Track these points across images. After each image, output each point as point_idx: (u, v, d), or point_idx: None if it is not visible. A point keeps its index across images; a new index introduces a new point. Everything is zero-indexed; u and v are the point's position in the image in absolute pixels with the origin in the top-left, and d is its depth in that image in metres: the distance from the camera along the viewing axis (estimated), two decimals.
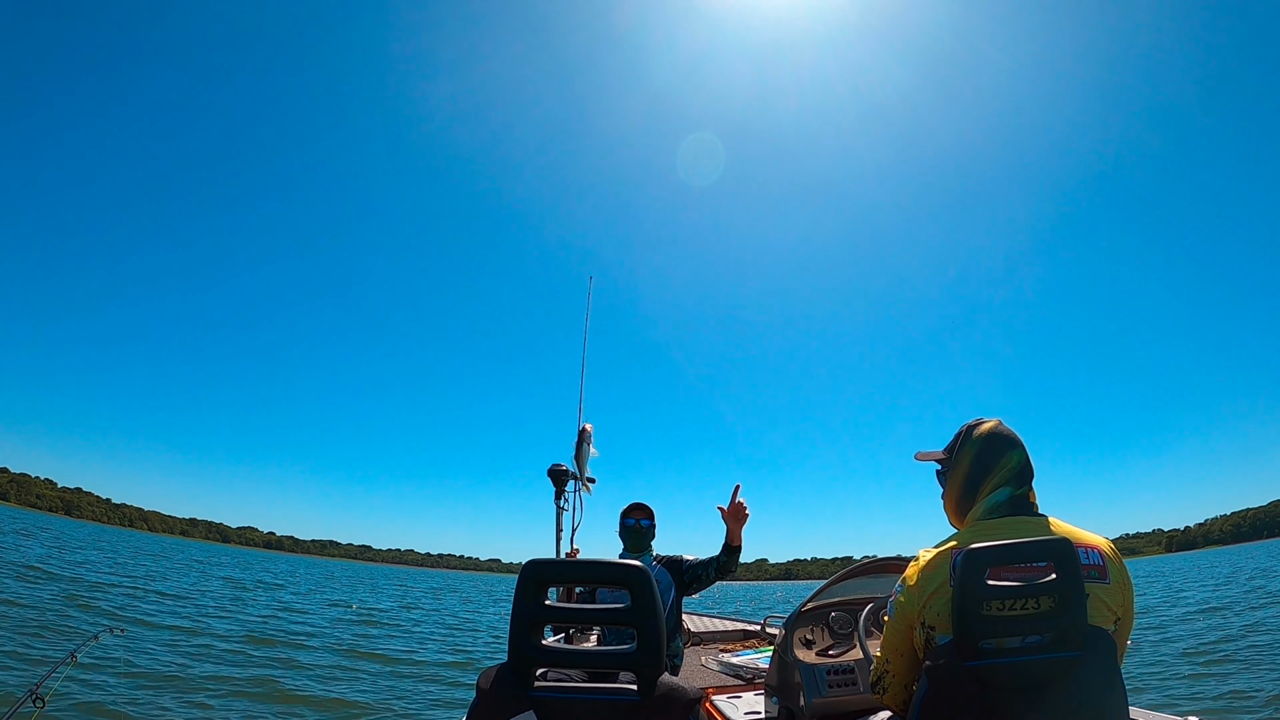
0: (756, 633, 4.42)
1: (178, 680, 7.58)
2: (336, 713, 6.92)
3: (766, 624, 3.74)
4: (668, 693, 1.32)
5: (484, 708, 1.33)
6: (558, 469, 3.38)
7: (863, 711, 2.20)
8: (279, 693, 7.44)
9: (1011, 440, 1.77)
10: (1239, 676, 8.05)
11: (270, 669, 8.72)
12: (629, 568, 1.38)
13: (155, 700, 6.66)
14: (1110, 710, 1.44)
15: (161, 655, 8.87)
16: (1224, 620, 13.30)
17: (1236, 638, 10.76)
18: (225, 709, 6.66)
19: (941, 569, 1.61)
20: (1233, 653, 9.45)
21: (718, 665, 3.55)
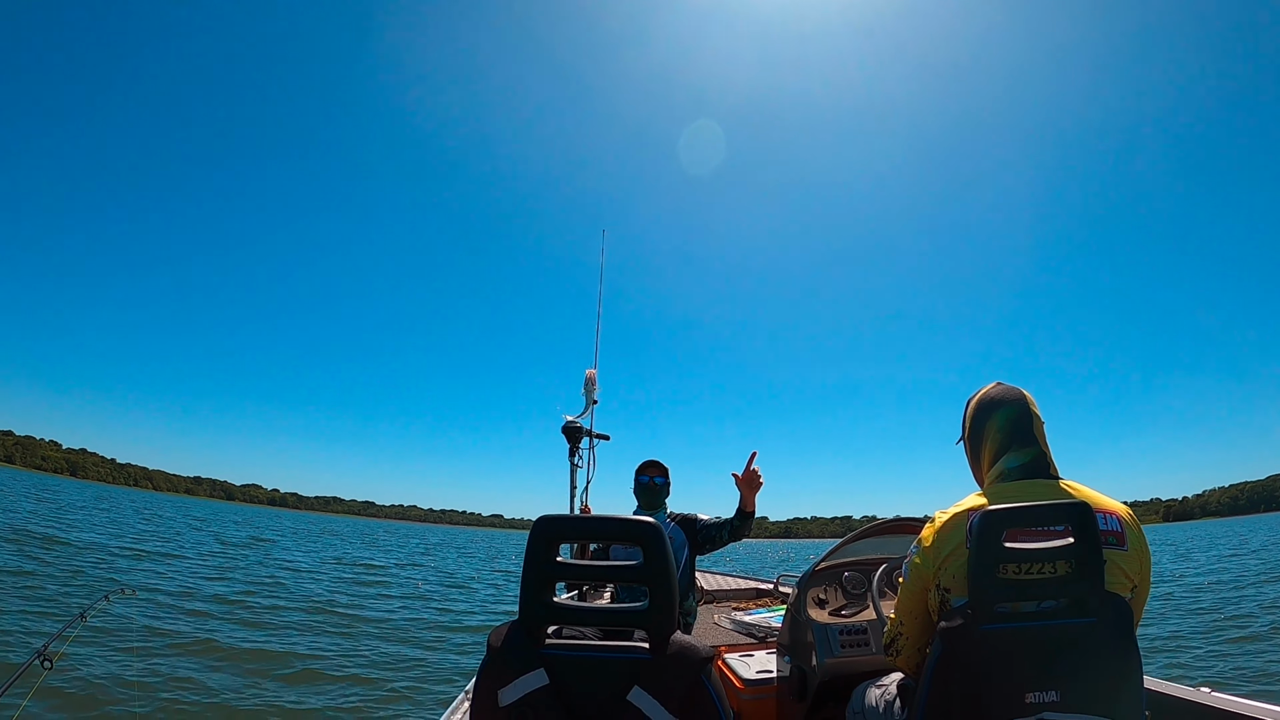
0: (770, 592, 4.40)
1: (185, 643, 7.66)
2: (344, 676, 6.93)
3: (779, 583, 3.68)
4: (680, 651, 1.30)
5: (494, 665, 1.32)
6: (572, 425, 3.27)
7: (875, 672, 2.19)
8: (272, 656, 7.45)
9: (999, 400, 1.73)
10: (1252, 649, 8.15)
11: (260, 632, 8.68)
12: (642, 524, 1.35)
13: (165, 662, 6.73)
14: (1124, 677, 1.43)
15: (169, 618, 8.94)
16: (1236, 594, 13.43)
17: (1248, 613, 10.87)
18: (225, 671, 6.71)
19: (958, 531, 1.58)
20: (1246, 626, 9.54)
21: (730, 624, 3.51)
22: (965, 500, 1.66)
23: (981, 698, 1.42)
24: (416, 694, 6.41)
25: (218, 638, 8.02)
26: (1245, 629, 9.30)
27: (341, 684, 6.52)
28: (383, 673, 7.09)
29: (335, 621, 10.04)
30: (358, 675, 6.86)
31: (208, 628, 8.56)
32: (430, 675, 7.24)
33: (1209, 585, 14.74)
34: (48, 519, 22.40)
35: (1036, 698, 1.40)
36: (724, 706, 1.31)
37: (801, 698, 2.47)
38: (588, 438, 3.28)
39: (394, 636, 9.31)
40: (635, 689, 1.27)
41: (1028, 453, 1.68)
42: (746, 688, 2.79)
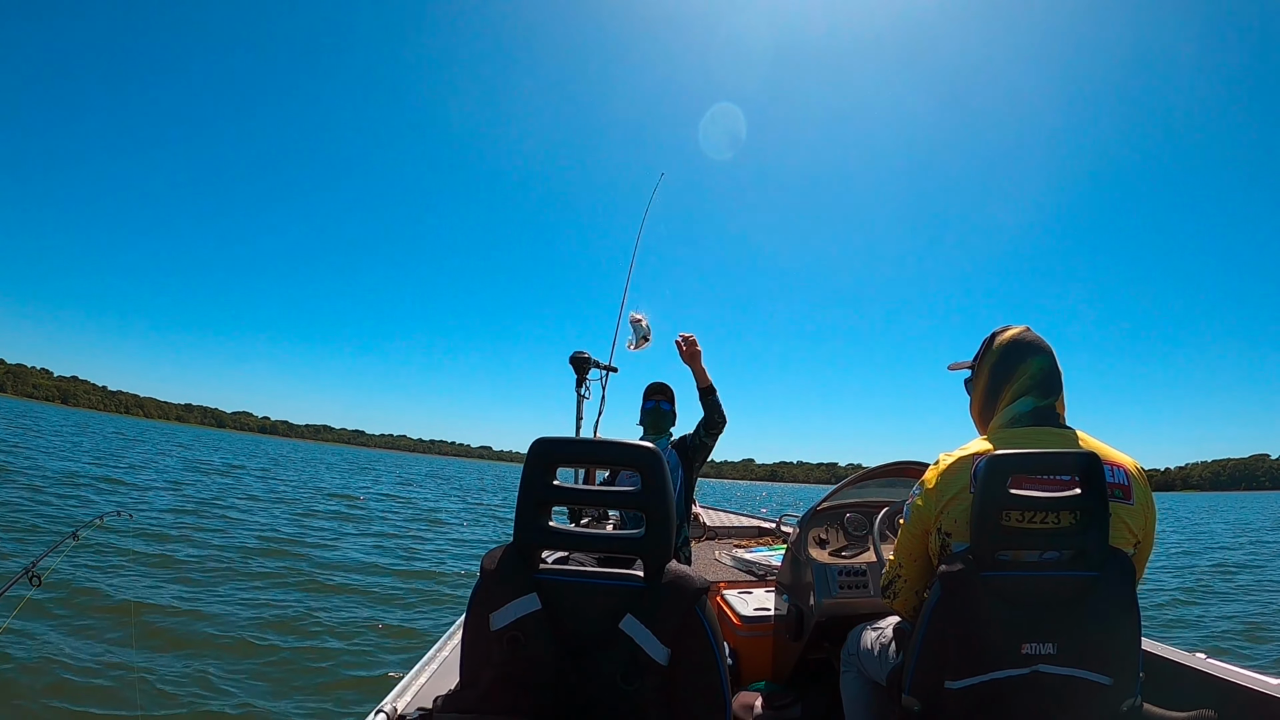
0: (771, 530, 4.41)
1: (176, 567, 7.68)
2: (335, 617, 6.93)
3: (782, 522, 3.69)
4: (674, 581, 1.28)
5: (487, 588, 1.30)
6: (580, 356, 3.22)
7: (872, 615, 2.19)
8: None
9: (1035, 346, 1.69)
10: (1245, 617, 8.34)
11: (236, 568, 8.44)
12: (639, 449, 1.31)
13: (157, 587, 6.76)
14: (1123, 634, 1.41)
15: (160, 543, 8.96)
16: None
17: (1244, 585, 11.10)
18: (217, 598, 6.74)
19: (962, 474, 1.55)
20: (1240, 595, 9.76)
21: (731, 560, 3.54)
22: (971, 444, 1.63)
23: (977, 645, 1.40)
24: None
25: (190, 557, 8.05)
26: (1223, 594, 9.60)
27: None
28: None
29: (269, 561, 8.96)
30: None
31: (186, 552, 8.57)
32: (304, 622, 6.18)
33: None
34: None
35: (1033, 649, 1.38)
36: (717, 639, 1.29)
37: (797, 637, 2.47)
38: (596, 369, 3.22)
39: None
40: (628, 617, 1.25)
41: (1048, 401, 1.64)
42: (744, 624, 2.81)
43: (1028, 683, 1.38)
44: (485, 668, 1.29)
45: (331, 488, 22.49)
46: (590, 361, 3.17)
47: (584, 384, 3.17)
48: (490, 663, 1.27)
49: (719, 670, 1.29)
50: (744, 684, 2.70)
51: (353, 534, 12.57)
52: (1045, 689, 1.38)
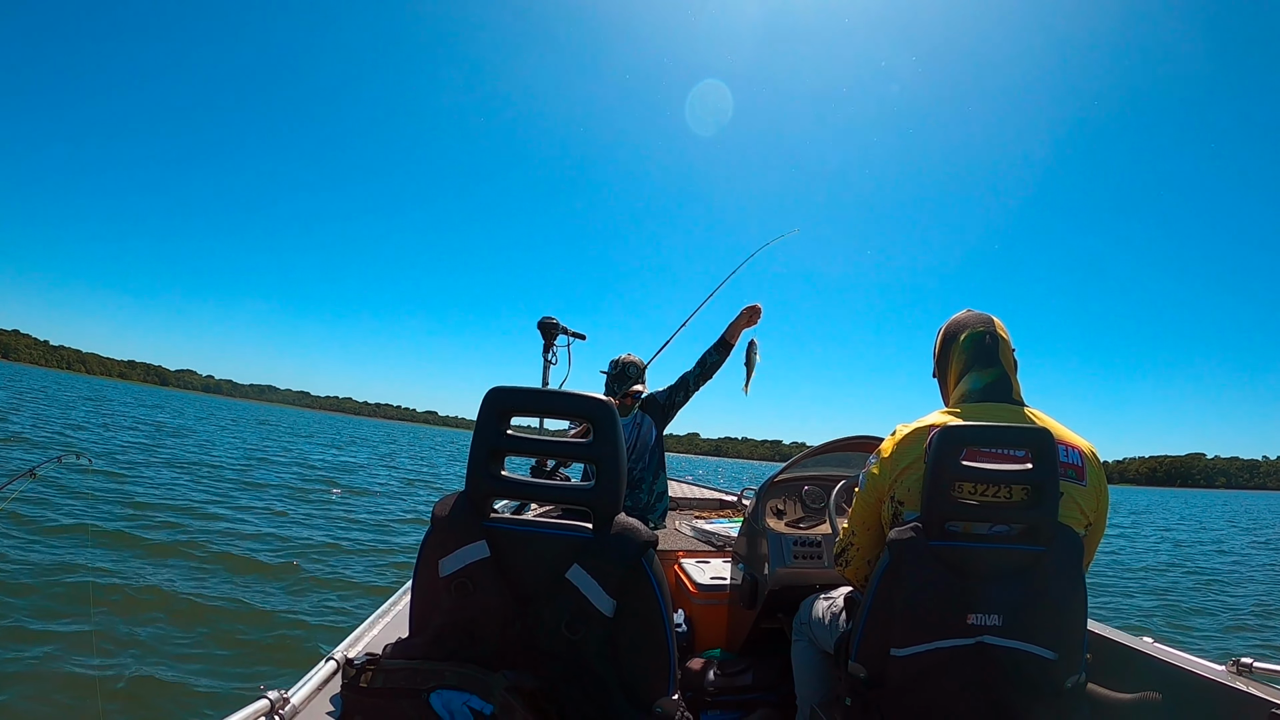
0: (733, 504, 4.47)
1: (138, 506, 7.71)
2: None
3: (743, 495, 3.75)
4: (622, 532, 1.28)
5: (437, 535, 1.30)
6: (548, 322, 3.19)
7: (825, 586, 2.22)
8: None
9: (965, 322, 1.73)
10: (1194, 605, 8.71)
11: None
12: (593, 400, 1.32)
13: (108, 525, 6.74)
14: (1068, 612, 1.42)
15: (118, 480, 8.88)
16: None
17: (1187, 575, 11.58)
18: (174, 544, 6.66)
19: (917, 445, 1.57)
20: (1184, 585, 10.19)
21: (691, 531, 3.58)
22: (929, 416, 1.65)
23: (923, 614, 1.41)
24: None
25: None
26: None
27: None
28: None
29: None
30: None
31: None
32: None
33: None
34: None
35: (979, 620, 1.39)
36: (663, 592, 1.30)
37: (751, 605, 2.50)
38: (564, 335, 3.21)
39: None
40: (574, 567, 1.25)
41: (990, 373, 1.66)
42: (699, 592, 2.84)
43: (973, 653, 1.40)
44: (434, 614, 1.29)
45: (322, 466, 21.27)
46: (558, 327, 3.16)
47: (551, 350, 3.16)
48: (439, 609, 1.28)
49: (664, 624, 1.30)
50: (698, 651, 2.74)
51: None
52: (990, 660, 1.39)
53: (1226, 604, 9.21)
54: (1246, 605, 9.16)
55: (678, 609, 2.94)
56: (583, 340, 3.28)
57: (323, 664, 1.40)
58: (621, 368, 3.61)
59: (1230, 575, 12.17)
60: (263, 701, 1.18)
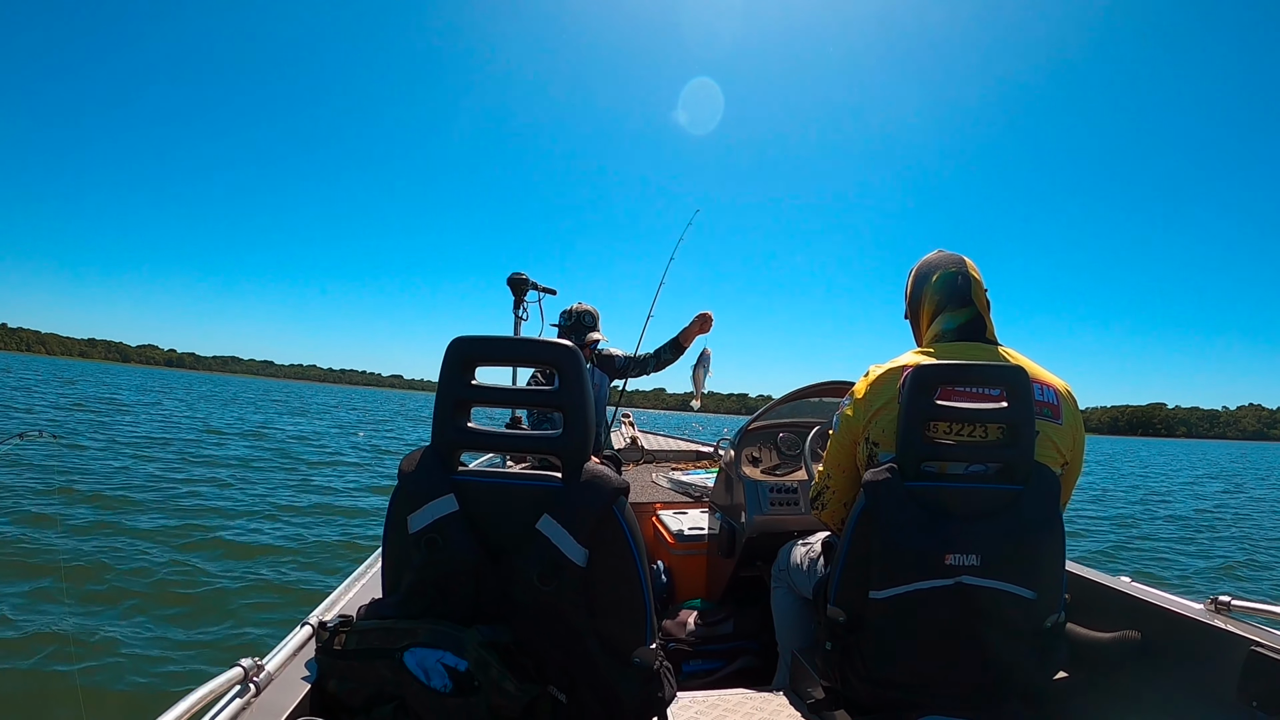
0: (709, 455, 4.48)
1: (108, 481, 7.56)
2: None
3: (719, 446, 3.76)
4: (591, 480, 1.25)
5: (404, 490, 1.27)
6: (518, 278, 3.14)
7: (803, 533, 2.22)
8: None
9: (935, 263, 1.71)
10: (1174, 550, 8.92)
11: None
12: (557, 346, 1.29)
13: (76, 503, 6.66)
14: (1046, 550, 1.41)
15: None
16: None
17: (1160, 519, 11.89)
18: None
19: (891, 385, 1.55)
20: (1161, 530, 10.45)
21: (668, 483, 3.59)
22: (902, 356, 1.63)
23: (901, 555, 1.40)
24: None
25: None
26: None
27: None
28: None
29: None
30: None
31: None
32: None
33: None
34: None
35: (956, 560, 1.38)
36: (636, 540, 1.28)
37: (729, 554, 2.51)
38: (534, 291, 3.16)
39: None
40: (544, 517, 1.23)
41: (964, 313, 1.64)
42: (677, 542, 2.85)
43: (951, 593, 1.38)
44: (405, 572, 1.27)
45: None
46: (528, 283, 3.12)
47: (522, 306, 3.13)
48: (410, 567, 1.25)
49: (638, 572, 1.28)
50: (678, 602, 2.75)
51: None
52: (969, 600, 1.38)
53: (1203, 549, 9.46)
54: (1221, 550, 9.43)
55: (656, 560, 2.95)
56: (553, 295, 3.25)
57: (297, 629, 1.37)
58: (576, 317, 3.58)
59: (1203, 520, 12.55)
60: (236, 670, 1.14)
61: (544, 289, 3.21)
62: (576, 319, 3.57)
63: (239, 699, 1.10)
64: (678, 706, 1.78)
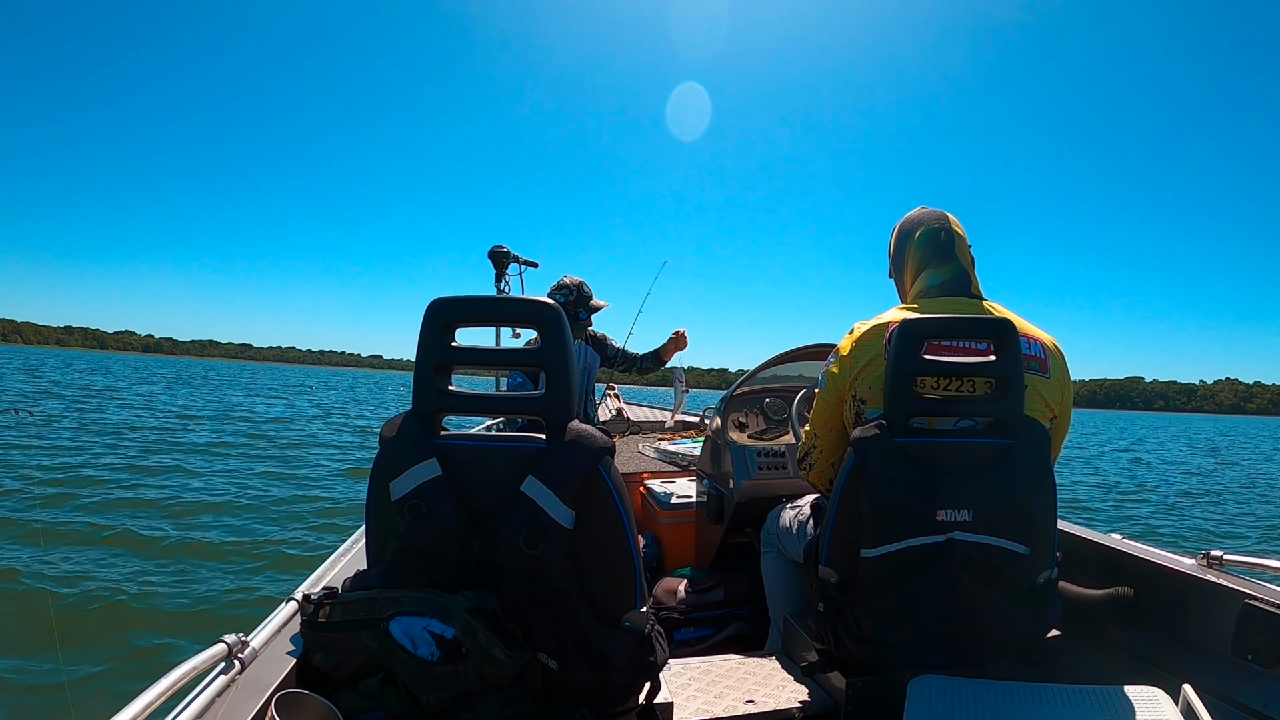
0: (695, 424, 4.48)
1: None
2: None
3: (705, 415, 3.76)
4: (576, 439, 1.23)
5: (386, 456, 1.25)
6: (499, 251, 3.11)
7: (791, 496, 2.21)
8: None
9: (918, 219, 1.69)
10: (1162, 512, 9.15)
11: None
12: (538, 304, 1.26)
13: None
14: (1038, 504, 1.41)
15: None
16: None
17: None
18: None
19: (876, 341, 1.53)
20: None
21: (654, 453, 3.58)
22: (886, 313, 1.61)
23: (892, 512, 1.39)
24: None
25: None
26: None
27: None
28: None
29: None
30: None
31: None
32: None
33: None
34: None
35: (948, 516, 1.37)
36: (623, 500, 1.26)
37: (718, 520, 2.51)
38: (515, 264, 3.13)
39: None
40: (529, 479, 1.20)
41: (948, 269, 1.63)
42: (666, 512, 2.84)
43: (944, 550, 1.38)
44: (389, 540, 1.24)
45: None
46: (510, 256, 3.09)
47: (503, 279, 3.10)
48: (393, 534, 1.23)
49: (626, 533, 1.26)
50: (668, 570, 2.74)
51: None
52: (961, 556, 1.38)
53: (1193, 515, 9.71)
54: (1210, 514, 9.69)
55: (645, 530, 2.94)
56: (535, 268, 3.23)
57: (284, 605, 1.35)
58: (576, 289, 3.55)
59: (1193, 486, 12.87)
60: (220, 646, 1.12)
61: (526, 261, 3.18)
62: (578, 290, 3.55)
63: (223, 675, 1.08)
64: (670, 674, 1.77)
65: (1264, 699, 1.39)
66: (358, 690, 1.16)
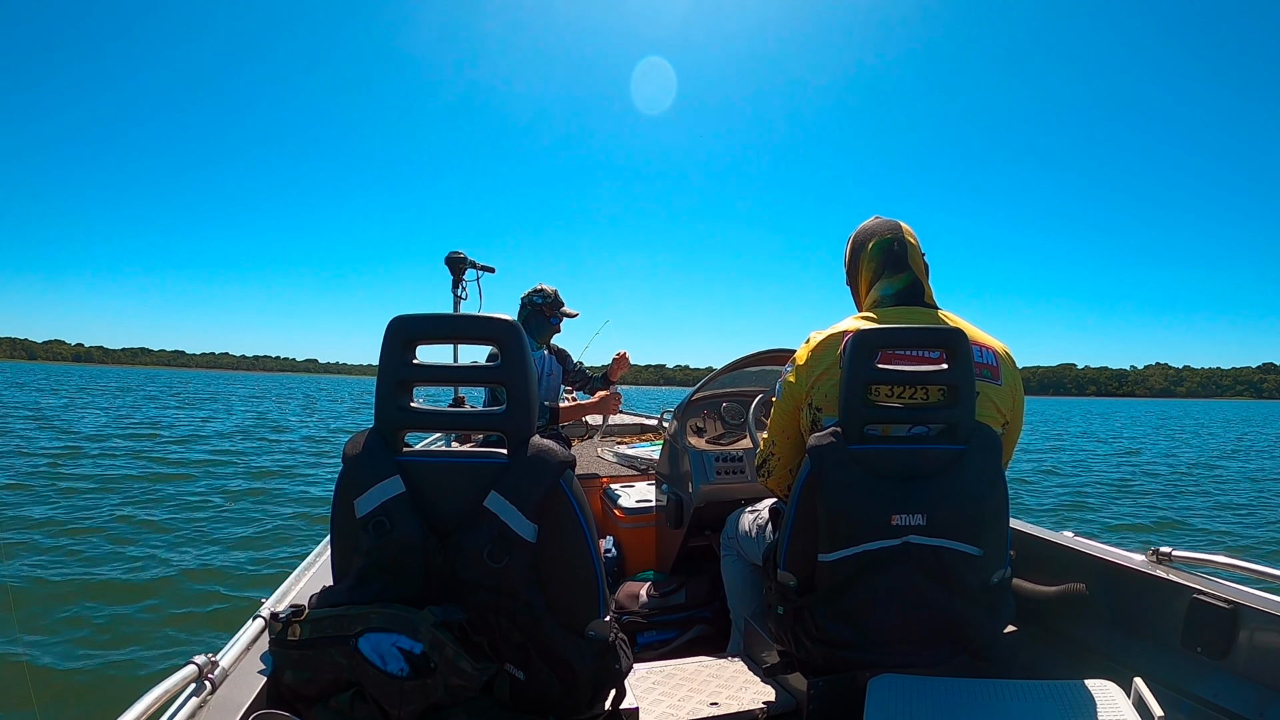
0: (653, 427, 4.51)
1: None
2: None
3: (663, 418, 3.82)
4: (537, 455, 1.25)
5: (349, 474, 1.26)
6: (455, 256, 3.07)
7: (750, 499, 2.25)
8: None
9: (871, 230, 1.73)
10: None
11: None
12: (498, 321, 1.28)
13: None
14: (990, 508, 1.46)
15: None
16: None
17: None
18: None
19: (832, 350, 1.57)
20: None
21: (614, 457, 3.60)
22: (842, 322, 1.65)
23: (847, 517, 1.42)
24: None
25: None
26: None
27: None
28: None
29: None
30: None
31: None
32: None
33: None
34: None
35: (903, 520, 1.41)
36: (585, 513, 1.28)
37: (678, 525, 2.53)
38: (472, 269, 3.10)
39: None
40: (492, 494, 1.22)
41: (902, 279, 1.67)
42: (626, 516, 2.87)
43: (899, 553, 1.42)
44: (354, 557, 1.25)
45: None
46: (466, 261, 3.06)
47: (460, 285, 3.07)
48: (359, 551, 1.24)
49: (589, 545, 1.28)
50: (629, 574, 2.77)
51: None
52: (917, 559, 1.42)
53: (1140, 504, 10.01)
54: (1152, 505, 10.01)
55: (606, 535, 2.96)
56: (492, 273, 3.20)
57: (250, 622, 1.35)
58: (553, 295, 3.51)
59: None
60: (190, 667, 1.12)
61: (482, 267, 3.15)
62: (554, 295, 3.51)
63: (195, 697, 1.08)
64: (635, 678, 1.79)
65: (1214, 689, 1.45)
66: (329, 707, 1.16)
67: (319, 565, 1.64)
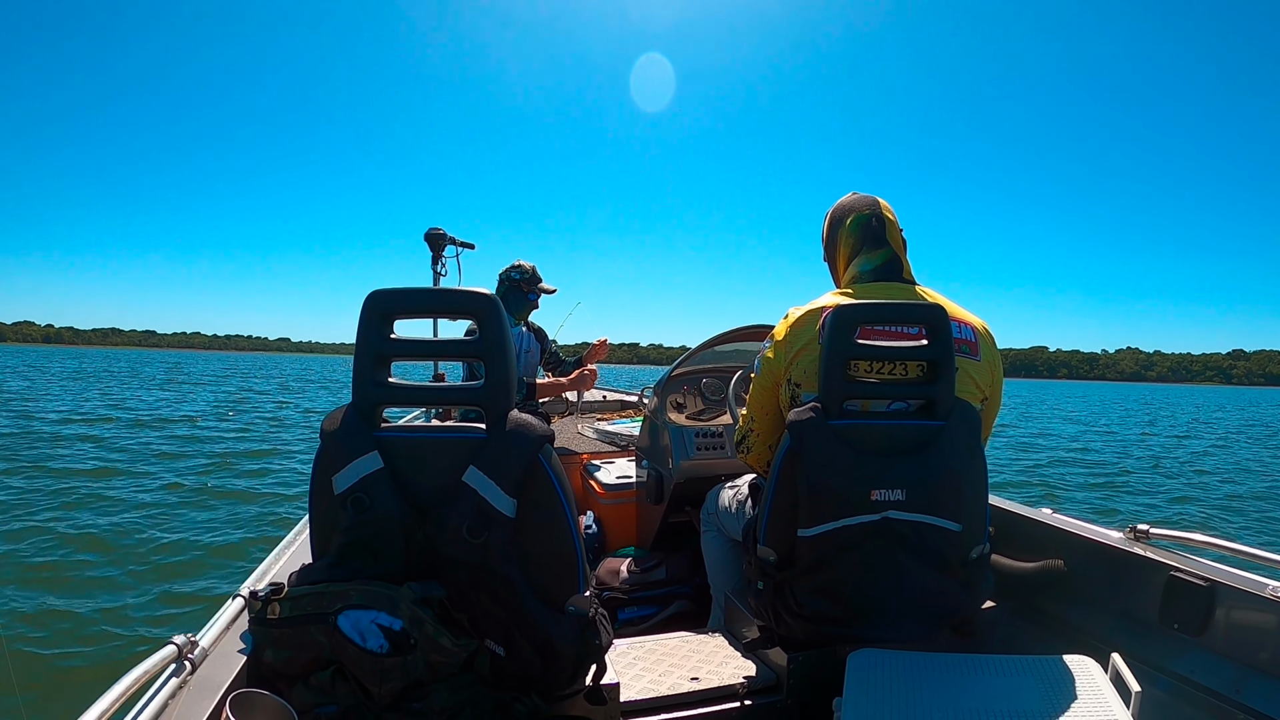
0: (633, 403, 4.50)
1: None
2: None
3: (643, 395, 3.81)
4: (516, 429, 1.25)
5: (327, 450, 1.25)
6: (435, 233, 3.04)
7: (729, 475, 2.26)
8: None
9: (850, 205, 1.72)
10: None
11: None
12: (476, 295, 1.27)
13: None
14: (969, 483, 1.46)
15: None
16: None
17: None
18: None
19: (810, 326, 1.57)
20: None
21: (594, 433, 3.60)
22: (821, 298, 1.64)
23: (827, 492, 1.42)
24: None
25: None
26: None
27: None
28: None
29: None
30: None
31: None
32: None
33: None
34: None
35: (882, 495, 1.41)
36: (564, 488, 1.28)
37: (658, 500, 2.54)
38: (452, 245, 3.07)
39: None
40: (470, 469, 1.22)
41: (880, 255, 1.66)
42: (606, 492, 2.86)
43: (878, 528, 1.42)
44: (333, 534, 1.24)
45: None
46: (446, 238, 3.03)
47: (440, 261, 3.04)
48: (337, 528, 1.23)
49: (568, 520, 1.28)
50: (610, 550, 2.78)
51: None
52: (896, 534, 1.42)
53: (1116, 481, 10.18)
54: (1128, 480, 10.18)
55: (586, 511, 2.97)
56: (472, 250, 3.18)
57: (230, 602, 1.33)
58: (531, 270, 3.50)
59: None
60: (169, 648, 1.11)
61: (462, 243, 3.13)
62: (532, 271, 3.51)
63: (175, 677, 1.07)
64: (616, 653, 1.80)
65: (1191, 665, 1.46)
66: (309, 685, 1.16)
67: (298, 543, 1.63)
